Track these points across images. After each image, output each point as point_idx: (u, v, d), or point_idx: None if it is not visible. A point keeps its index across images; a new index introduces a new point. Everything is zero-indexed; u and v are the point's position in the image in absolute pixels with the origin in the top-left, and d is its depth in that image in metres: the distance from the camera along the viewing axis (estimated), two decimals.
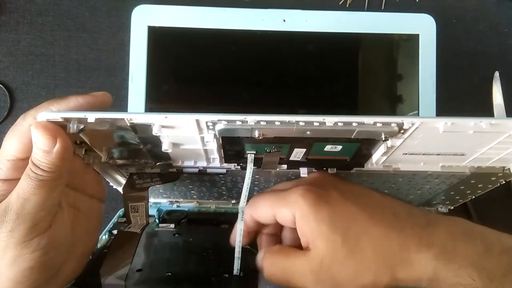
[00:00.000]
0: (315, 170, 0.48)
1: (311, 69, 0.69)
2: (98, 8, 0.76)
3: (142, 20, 0.66)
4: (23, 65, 0.76)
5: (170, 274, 0.48)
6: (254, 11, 0.67)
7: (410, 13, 0.68)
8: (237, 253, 0.44)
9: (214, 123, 0.37)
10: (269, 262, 0.44)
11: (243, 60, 0.68)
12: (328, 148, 0.42)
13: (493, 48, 0.78)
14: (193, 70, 0.68)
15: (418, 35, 0.67)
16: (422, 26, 0.68)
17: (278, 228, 0.48)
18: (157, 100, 0.66)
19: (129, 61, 0.66)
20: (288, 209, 0.42)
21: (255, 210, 0.45)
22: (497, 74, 0.76)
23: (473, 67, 0.77)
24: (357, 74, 0.68)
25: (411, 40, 0.68)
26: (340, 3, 0.76)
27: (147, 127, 0.37)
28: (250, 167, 0.43)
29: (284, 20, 0.67)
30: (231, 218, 0.51)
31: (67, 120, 0.36)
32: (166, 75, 0.67)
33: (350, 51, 0.69)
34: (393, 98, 0.69)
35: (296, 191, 0.42)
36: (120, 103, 0.67)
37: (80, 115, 0.35)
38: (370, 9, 0.77)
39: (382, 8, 0.77)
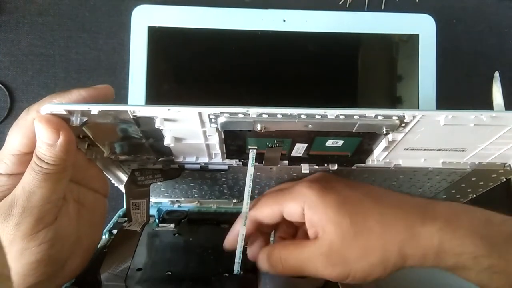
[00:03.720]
0: (317, 167, 0.48)
1: (311, 69, 0.69)
2: (98, 8, 0.76)
3: (142, 20, 0.66)
4: (23, 65, 0.76)
5: (170, 273, 0.48)
6: (254, 11, 0.67)
7: (410, 13, 0.68)
8: (238, 258, 0.45)
9: (216, 116, 0.37)
10: (278, 257, 0.44)
11: (243, 60, 0.68)
12: (329, 143, 0.42)
13: (493, 48, 0.78)
14: (193, 70, 0.68)
15: (418, 35, 0.68)
16: (422, 26, 0.68)
17: (272, 228, 0.49)
18: (157, 100, 0.66)
19: (129, 61, 0.66)
20: (296, 202, 0.43)
21: (260, 211, 0.46)
22: (497, 74, 0.76)
23: (473, 67, 0.77)
24: (357, 75, 0.68)
25: (411, 40, 0.68)
26: (340, 3, 0.76)
27: (149, 120, 0.37)
28: (250, 173, 0.44)
29: (284, 20, 0.67)
30: (231, 218, 0.51)
31: (70, 112, 0.36)
32: (166, 75, 0.67)
33: (350, 51, 0.69)
34: (393, 99, 0.69)
35: (302, 184, 0.43)
36: (120, 103, 0.67)
37: (84, 107, 0.35)
38: (370, 9, 0.77)
39: (382, 8, 0.77)
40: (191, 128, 0.40)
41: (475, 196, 0.57)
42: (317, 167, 0.48)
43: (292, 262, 0.43)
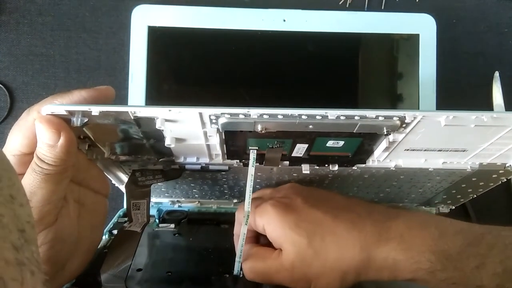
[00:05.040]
0: (317, 167, 0.48)
1: (311, 69, 0.69)
2: (98, 8, 0.76)
3: (142, 20, 0.66)
4: (23, 65, 0.75)
5: (170, 273, 0.48)
6: (254, 11, 0.67)
7: (410, 13, 0.68)
8: (238, 257, 0.45)
9: (217, 117, 0.37)
10: (248, 266, 0.45)
11: (243, 60, 0.68)
12: (330, 143, 0.42)
13: (493, 48, 0.78)
14: (193, 70, 0.68)
15: (418, 35, 0.68)
16: (422, 26, 0.68)
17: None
18: (157, 100, 0.66)
19: (129, 61, 0.66)
20: (259, 218, 0.45)
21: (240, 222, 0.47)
22: (497, 74, 0.75)
23: (473, 67, 0.77)
24: (357, 75, 0.68)
25: (411, 40, 0.68)
26: (340, 3, 0.76)
27: (150, 121, 0.37)
28: (251, 173, 0.44)
29: (284, 20, 0.67)
30: (231, 218, 0.51)
31: (71, 113, 0.36)
32: (166, 75, 0.67)
33: (350, 51, 0.69)
34: (393, 98, 0.69)
35: (268, 202, 0.45)
36: (120, 103, 0.67)
37: (84, 108, 0.35)
38: (370, 9, 0.77)
39: (382, 8, 0.77)
40: (191, 129, 0.40)
41: (475, 196, 0.57)
42: (317, 167, 0.48)
43: (259, 275, 0.45)
